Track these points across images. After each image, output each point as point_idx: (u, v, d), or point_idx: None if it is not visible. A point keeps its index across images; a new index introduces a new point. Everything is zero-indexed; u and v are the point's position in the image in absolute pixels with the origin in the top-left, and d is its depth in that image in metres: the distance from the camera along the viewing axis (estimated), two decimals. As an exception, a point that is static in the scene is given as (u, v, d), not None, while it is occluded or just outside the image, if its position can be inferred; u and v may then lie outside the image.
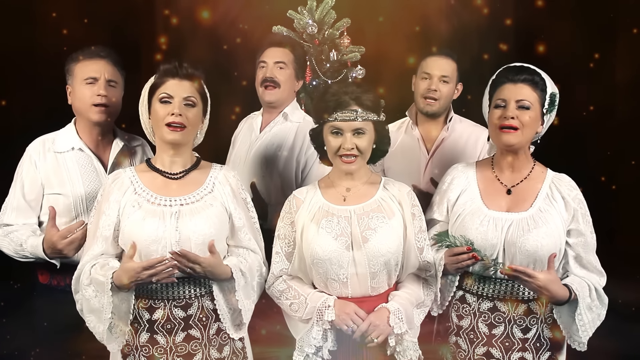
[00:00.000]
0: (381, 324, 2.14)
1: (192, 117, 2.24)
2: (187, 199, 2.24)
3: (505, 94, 2.26)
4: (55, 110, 2.78)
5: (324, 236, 2.20)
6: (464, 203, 2.34)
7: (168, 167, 2.29)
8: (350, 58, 3.44)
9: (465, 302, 2.33)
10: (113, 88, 2.62)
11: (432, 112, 3.02)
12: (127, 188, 2.24)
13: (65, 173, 2.57)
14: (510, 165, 2.34)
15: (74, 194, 2.55)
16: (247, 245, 2.33)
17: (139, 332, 2.21)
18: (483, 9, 3.66)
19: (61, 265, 2.52)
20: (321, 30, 3.41)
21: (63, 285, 2.54)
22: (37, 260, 2.48)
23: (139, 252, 2.15)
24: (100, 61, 2.59)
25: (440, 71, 2.98)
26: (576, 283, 2.22)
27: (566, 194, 2.28)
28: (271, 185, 2.88)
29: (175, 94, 2.22)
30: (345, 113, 2.18)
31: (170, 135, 2.22)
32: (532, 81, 2.26)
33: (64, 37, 3.34)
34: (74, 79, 2.60)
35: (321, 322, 2.17)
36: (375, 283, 2.21)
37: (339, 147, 2.19)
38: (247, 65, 3.15)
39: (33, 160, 2.57)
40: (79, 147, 2.61)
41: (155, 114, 2.23)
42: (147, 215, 2.18)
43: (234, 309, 2.25)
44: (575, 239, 2.27)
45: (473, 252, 2.22)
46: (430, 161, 3.03)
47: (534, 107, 2.25)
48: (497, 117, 2.27)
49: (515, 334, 2.26)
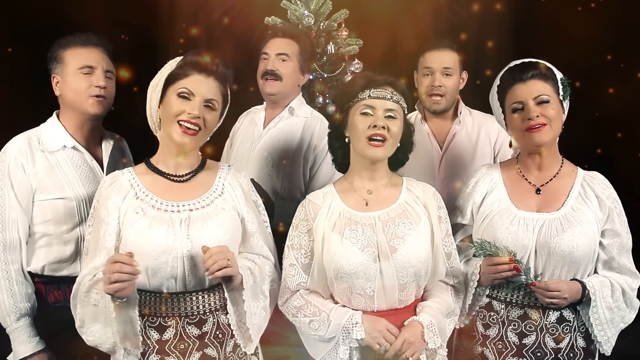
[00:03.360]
0: (416, 340, 1.97)
1: (209, 121, 2.01)
2: (196, 203, 2.01)
3: (519, 95, 2.14)
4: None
5: (350, 248, 2.00)
6: (492, 204, 2.21)
7: (173, 169, 2.05)
8: (348, 51, 3.29)
9: (492, 309, 2.19)
10: (109, 80, 2.39)
11: (440, 109, 2.89)
12: (127, 192, 2.00)
13: (61, 175, 2.30)
14: (538, 164, 2.22)
15: (77, 197, 2.29)
16: (260, 252, 2.12)
17: (146, 356, 1.96)
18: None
19: (59, 279, 2.31)
20: (317, 21, 3.25)
21: (62, 300, 2.30)
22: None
23: (146, 265, 1.91)
24: (95, 49, 2.35)
25: (441, 64, 2.85)
26: (594, 281, 2.12)
27: (600, 192, 2.17)
28: (277, 184, 2.68)
29: (197, 91, 1.97)
30: (379, 91, 2.04)
31: (179, 137, 1.98)
32: (541, 74, 2.14)
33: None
34: (64, 68, 2.33)
35: (348, 340, 1.98)
36: (403, 295, 2.04)
37: (368, 127, 2.01)
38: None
39: (19, 162, 2.27)
40: (71, 145, 2.35)
41: (169, 107, 1.97)
42: (153, 222, 1.94)
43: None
44: (610, 239, 2.15)
45: (515, 264, 2.08)
46: (443, 157, 2.89)
47: (553, 99, 2.13)
48: (519, 121, 2.14)
49: (548, 343, 2.12)
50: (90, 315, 1.93)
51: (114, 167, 2.36)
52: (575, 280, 2.12)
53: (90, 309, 1.92)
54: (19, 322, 2.25)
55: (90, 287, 1.90)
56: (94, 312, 1.92)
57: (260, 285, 2.05)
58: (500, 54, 3.18)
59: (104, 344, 1.94)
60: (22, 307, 2.26)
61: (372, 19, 3.44)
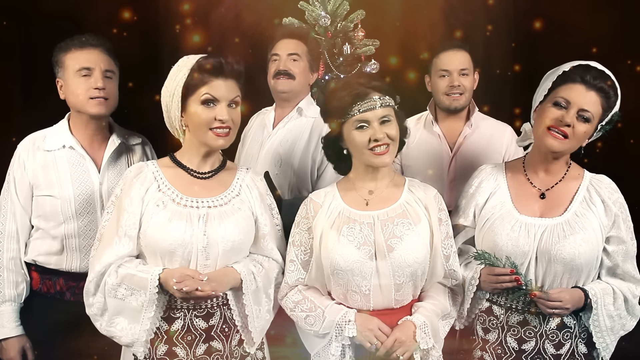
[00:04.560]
0: (407, 340, 1.98)
1: (236, 118, 2.06)
2: (214, 201, 2.08)
3: (572, 94, 2.03)
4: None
5: (346, 245, 2.03)
6: (493, 207, 2.18)
7: (196, 166, 2.11)
8: (364, 52, 3.31)
9: (492, 314, 2.17)
10: (109, 79, 2.41)
11: (460, 106, 2.90)
12: (150, 184, 2.06)
13: (54, 173, 2.38)
14: (545, 167, 2.17)
15: (62, 196, 2.36)
16: (270, 254, 2.18)
17: (155, 344, 2.02)
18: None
19: (51, 271, 2.39)
20: (334, 22, 3.27)
21: (53, 292, 2.40)
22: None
23: (162, 256, 1.99)
24: (93, 50, 2.38)
25: (459, 65, 2.86)
26: (597, 288, 2.08)
27: (606, 197, 2.11)
28: (285, 183, 2.72)
29: (221, 96, 2.01)
30: (367, 102, 2.03)
31: (217, 142, 2.03)
32: (605, 93, 2.04)
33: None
34: (65, 71, 2.38)
35: (340, 337, 2.01)
36: (399, 295, 2.05)
37: (368, 140, 2.02)
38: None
39: (22, 160, 2.38)
40: (70, 145, 2.42)
41: (196, 116, 2.01)
42: (173, 216, 2.01)
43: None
44: (615, 246, 2.11)
45: (516, 275, 2.06)
46: (454, 159, 2.89)
47: (593, 121, 2.05)
48: (552, 116, 2.05)
49: (547, 349, 2.09)
50: (113, 308, 2.00)
51: (111, 168, 2.45)
52: (577, 288, 2.08)
53: (116, 302, 1.99)
54: (2, 306, 2.37)
55: (121, 281, 1.97)
56: (119, 305, 1.99)
57: (264, 289, 2.11)
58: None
59: (124, 337, 2.00)
60: (7, 293, 2.37)
61: (387, 19, 3.44)
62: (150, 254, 2.03)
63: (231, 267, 2.06)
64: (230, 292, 2.06)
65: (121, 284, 1.98)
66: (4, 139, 2.67)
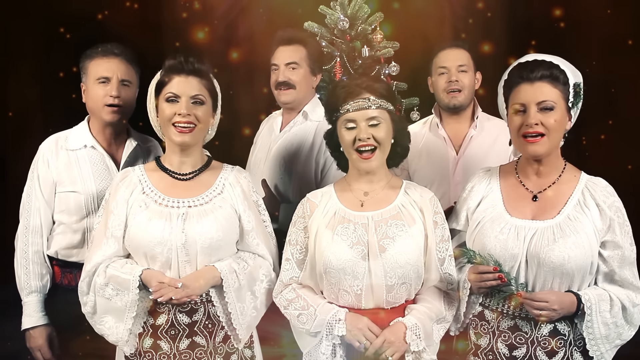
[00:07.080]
0: (396, 341, 1.98)
1: (201, 116, 2.15)
2: (195, 200, 2.17)
3: (523, 96, 2.02)
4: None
5: (339, 244, 2.05)
6: (485, 210, 2.14)
7: (177, 168, 2.22)
8: (383, 54, 3.29)
9: (484, 319, 2.12)
10: (127, 87, 2.57)
11: (459, 103, 2.87)
12: (135, 187, 2.18)
13: (77, 171, 2.54)
14: (536, 170, 2.11)
15: (86, 192, 2.52)
16: (255, 250, 2.23)
17: (142, 337, 2.13)
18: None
19: (71, 264, 2.53)
20: (353, 25, 3.28)
21: (74, 284, 2.50)
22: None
23: (144, 254, 2.10)
24: (113, 59, 2.54)
25: (456, 61, 2.87)
26: (592, 294, 2.00)
27: (601, 200, 2.03)
28: (290, 186, 2.77)
29: (181, 92, 2.13)
30: (357, 102, 2.05)
31: (178, 137, 2.14)
32: (551, 76, 2.00)
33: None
34: (87, 78, 2.57)
35: (331, 336, 2.03)
36: (391, 297, 2.04)
37: (354, 140, 2.04)
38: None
39: (46, 158, 2.56)
40: (91, 145, 2.58)
41: (162, 113, 2.15)
42: (153, 216, 2.12)
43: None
44: (610, 251, 2.02)
45: (500, 273, 2.02)
46: (459, 162, 2.85)
47: (558, 106, 2.00)
48: (518, 124, 2.03)
49: (539, 357, 2.03)
50: (102, 307, 2.14)
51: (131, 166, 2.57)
52: (569, 292, 2.01)
53: (104, 301, 2.12)
54: (28, 297, 2.53)
55: (107, 281, 2.10)
56: (106, 304, 2.12)
57: (249, 286, 2.16)
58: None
59: (111, 336, 2.13)
60: (33, 284, 2.54)
61: (406, 21, 3.42)
62: (134, 253, 2.15)
63: (211, 266, 2.13)
64: (213, 290, 2.13)
65: (108, 284, 2.10)
66: (25, 140, 2.86)
